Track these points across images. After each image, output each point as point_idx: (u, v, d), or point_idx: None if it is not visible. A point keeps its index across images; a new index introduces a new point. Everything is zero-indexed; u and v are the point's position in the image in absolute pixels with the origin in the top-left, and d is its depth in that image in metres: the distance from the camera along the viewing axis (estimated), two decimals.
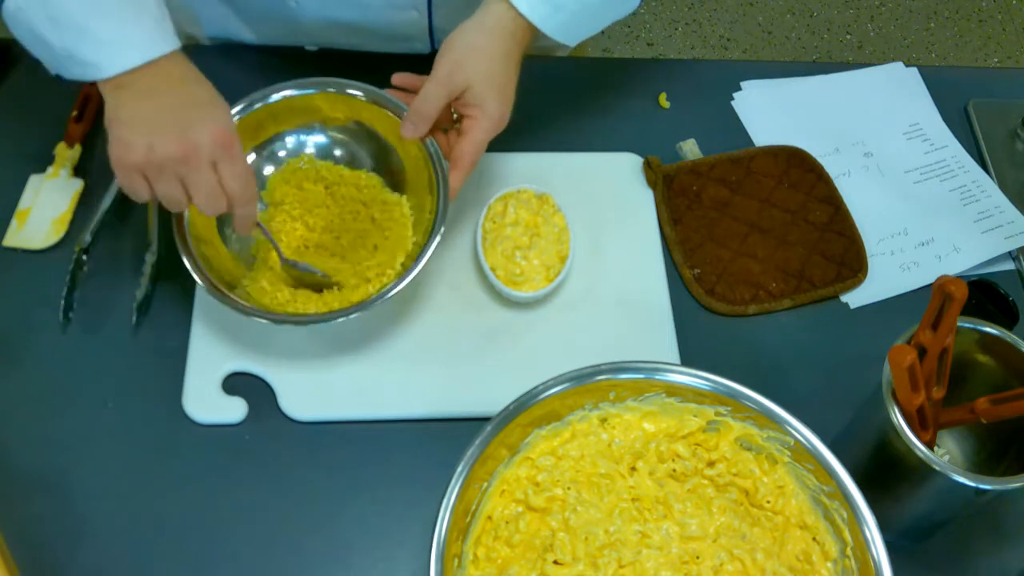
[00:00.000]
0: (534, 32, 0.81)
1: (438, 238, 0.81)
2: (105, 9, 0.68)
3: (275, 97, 0.86)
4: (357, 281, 0.83)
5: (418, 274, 0.78)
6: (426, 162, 0.84)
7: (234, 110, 0.84)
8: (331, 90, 0.86)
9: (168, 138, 0.69)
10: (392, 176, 0.89)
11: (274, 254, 0.84)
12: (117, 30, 0.69)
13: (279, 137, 0.88)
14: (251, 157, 0.87)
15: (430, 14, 0.96)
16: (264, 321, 0.77)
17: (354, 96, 0.86)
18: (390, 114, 0.86)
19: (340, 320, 0.76)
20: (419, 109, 0.80)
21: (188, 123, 0.70)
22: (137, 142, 0.69)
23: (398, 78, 0.87)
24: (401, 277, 0.79)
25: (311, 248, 0.86)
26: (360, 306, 0.77)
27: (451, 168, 0.82)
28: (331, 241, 0.86)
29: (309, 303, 0.81)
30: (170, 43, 0.71)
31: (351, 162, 0.90)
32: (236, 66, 0.97)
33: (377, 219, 0.87)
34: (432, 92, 0.79)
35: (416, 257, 0.80)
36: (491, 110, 0.79)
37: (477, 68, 0.78)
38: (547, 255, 0.86)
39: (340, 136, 0.89)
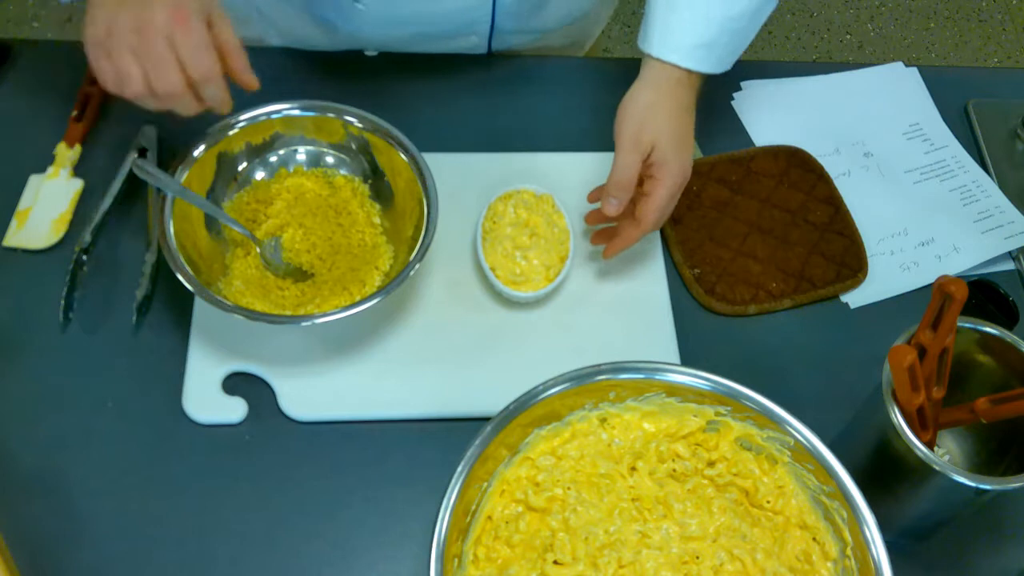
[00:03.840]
0: (701, 76, 0.83)
1: (435, 232, 0.81)
2: None
3: (277, 114, 0.87)
4: (338, 289, 0.83)
5: (418, 274, 0.78)
6: (415, 182, 0.85)
7: (243, 116, 0.85)
8: (330, 115, 0.87)
9: (126, 13, 0.69)
10: (380, 197, 0.89)
11: (243, 260, 0.85)
12: None
13: (273, 146, 0.89)
14: (243, 164, 0.88)
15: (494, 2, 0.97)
16: (264, 322, 0.77)
17: (350, 123, 0.87)
18: (382, 139, 0.87)
19: (340, 319, 0.76)
20: (619, 182, 0.81)
21: (148, 1, 0.69)
22: (100, 18, 0.70)
23: (593, 196, 0.89)
24: (401, 274, 0.79)
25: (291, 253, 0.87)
26: (359, 304, 0.77)
27: (630, 225, 0.83)
28: (309, 249, 0.87)
29: (290, 305, 0.82)
30: None
31: (338, 175, 0.91)
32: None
33: (353, 234, 0.88)
34: (626, 161, 0.80)
35: (408, 261, 0.80)
36: (674, 168, 0.81)
37: (660, 126, 0.80)
38: (547, 255, 0.86)
39: (333, 153, 0.90)
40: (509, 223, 0.88)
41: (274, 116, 0.87)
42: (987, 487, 0.66)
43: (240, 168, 0.88)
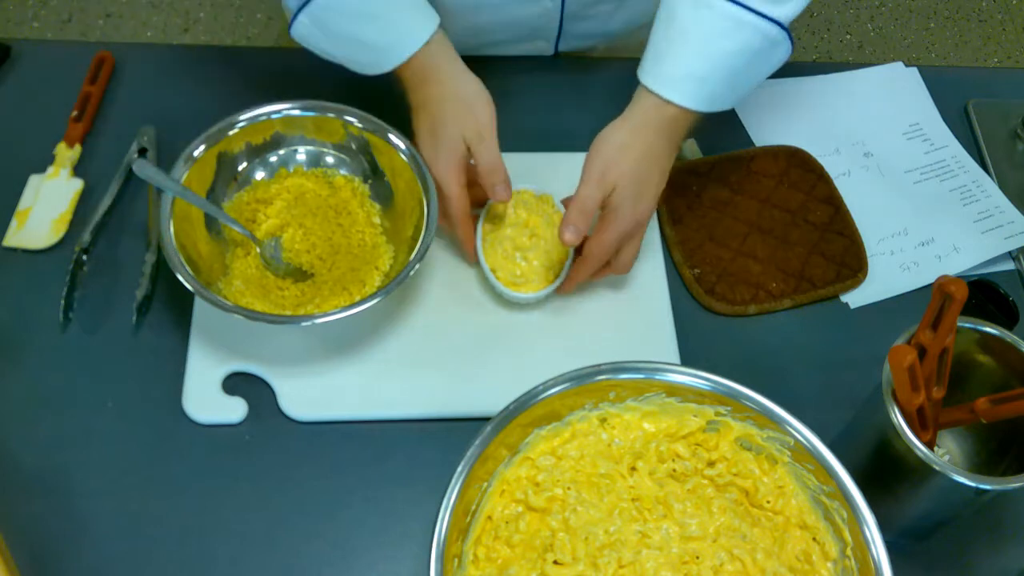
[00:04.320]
0: (689, 117, 0.81)
1: (434, 230, 0.81)
2: (374, 13, 0.81)
3: (277, 114, 0.87)
4: (337, 290, 0.83)
5: (418, 274, 0.78)
6: (415, 183, 0.85)
7: (243, 116, 0.86)
8: (330, 115, 0.87)
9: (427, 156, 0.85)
10: (380, 198, 0.89)
11: (243, 260, 0.85)
12: (385, 35, 0.82)
13: (274, 147, 0.89)
14: (243, 164, 0.88)
15: (563, 3, 0.98)
16: (264, 322, 0.77)
17: (350, 123, 0.87)
18: (382, 139, 0.87)
19: (339, 319, 0.76)
20: (580, 208, 0.80)
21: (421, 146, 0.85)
22: (420, 132, 0.85)
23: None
24: (401, 274, 0.79)
25: (292, 253, 0.87)
26: (359, 304, 0.77)
27: (578, 262, 0.84)
28: (309, 249, 0.87)
29: (289, 304, 0.82)
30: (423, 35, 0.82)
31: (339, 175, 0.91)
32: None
33: (353, 234, 0.88)
34: (587, 193, 0.80)
35: (408, 260, 0.80)
36: (624, 215, 0.80)
37: (625, 171, 0.79)
38: (548, 256, 0.86)
39: (333, 153, 0.90)
40: (509, 224, 0.88)
41: (274, 116, 0.87)
42: (987, 487, 0.66)
43: (240, 168, 0.88)
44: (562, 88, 1.04)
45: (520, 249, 0.86)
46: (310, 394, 0.81)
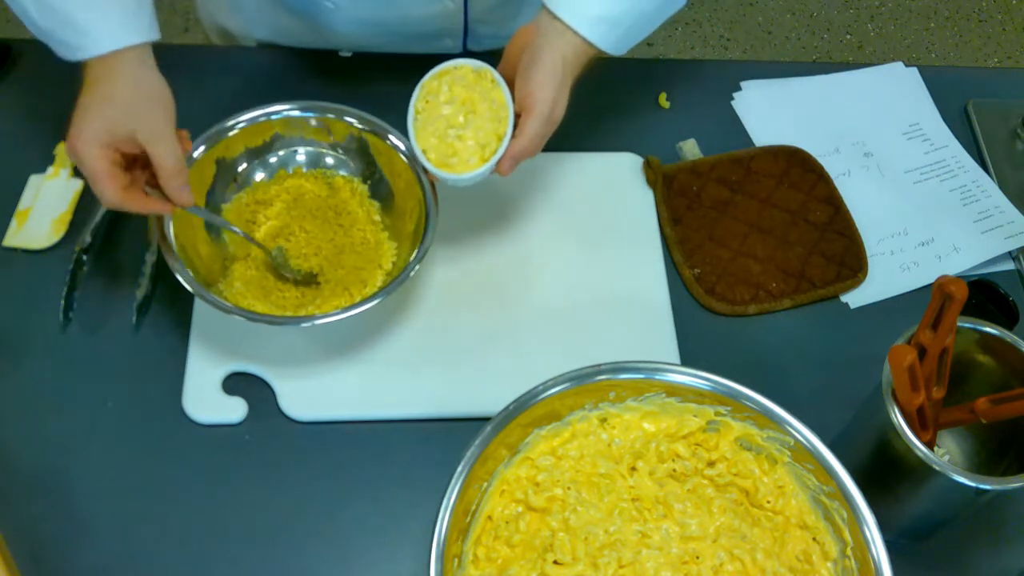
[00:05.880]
0: (593, 54, 0.80)
1: (434, 231, 0.81)
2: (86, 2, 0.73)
3: (277, 115, 0.87)
4: (339, 291, 0.83)
5: (418, 275, 0.78)
6: (415, 183, 0.84)
7: (243, 117, 0.85)
8: (330, 116, 0.87)
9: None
10: (380, 198, 0.89)
11: (243, 262, 0.85)
12: (93, 21, 0.74)
13: (273, 148, 0.89)
14: (242, 165, 0.88)
15: (466, 6, 0.97)
16: (264, 323, 0.77)
17: (350, 123, 0.87)
18: (382, 140, 0.86)
19: (339, 319, 0.76)
20: (533, 152, 0.78)
21: (73, 123, 0.74)
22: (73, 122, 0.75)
23: None
24: (400, 275, 0.79)
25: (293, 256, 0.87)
26: (358, 305, 0.77)
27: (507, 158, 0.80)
28: (316, 252, 0.87)
29: (289, 304, 0.82)
30: (119, 39, 0.74)
31: (339, 176, 0.91)
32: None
33: (355, 233, 0.88)
34: (544, 132, 0.78)
35: (408, 261, 0.80)
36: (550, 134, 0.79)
37: (564, 106, 0.79)
38: (483, 133, 0.78)
39: (333, 153, 0.90)
40: (444, 101, 0.79)
41: (274, 117, 0.86)
42: (987, 487, 0.66)
43: (239, 169, 0.88)
44: None
45: (454, 127, 0.79)
46: (310, 394, 0.81)
